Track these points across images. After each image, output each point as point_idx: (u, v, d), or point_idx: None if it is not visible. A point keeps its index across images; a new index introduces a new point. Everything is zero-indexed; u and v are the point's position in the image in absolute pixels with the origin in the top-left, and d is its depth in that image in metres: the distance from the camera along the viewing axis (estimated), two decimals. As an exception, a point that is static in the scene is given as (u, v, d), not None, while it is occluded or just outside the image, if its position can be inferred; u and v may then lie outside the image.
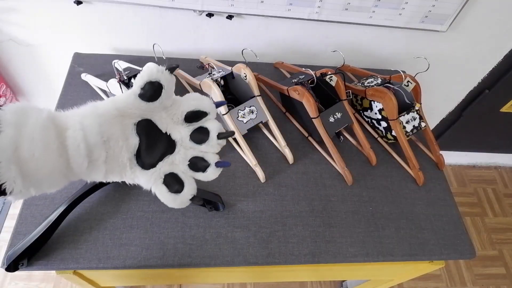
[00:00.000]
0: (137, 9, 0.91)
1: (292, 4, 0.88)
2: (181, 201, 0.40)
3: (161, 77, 0.38)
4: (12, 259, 0.60)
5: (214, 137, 0.41)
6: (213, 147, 0.42)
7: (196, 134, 0.41)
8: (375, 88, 0.82)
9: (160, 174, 0.40)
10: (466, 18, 0.96)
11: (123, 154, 0.38)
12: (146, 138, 0.40)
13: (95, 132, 0.35)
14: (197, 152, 0.42)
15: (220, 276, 0.95)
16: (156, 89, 0.38)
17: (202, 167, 0.41)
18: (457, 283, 1.49)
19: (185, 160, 0.41)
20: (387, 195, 0.81)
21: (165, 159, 0.41)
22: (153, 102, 0.38)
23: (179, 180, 0.40)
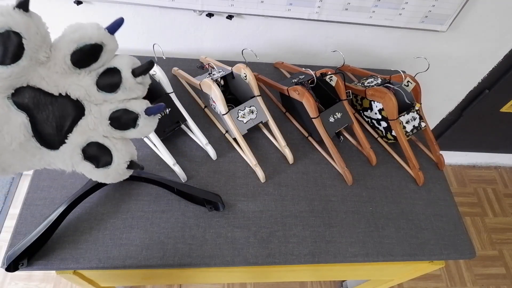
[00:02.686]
0: (137, 9, 0.91)
1: (292, 4, 0.88)
2: (115, 173, 0.31)
3: (11, 21, 0.26)
4: (12, 259, 0.60)
5: (128, 76, 0.30)
6: (132, 90, 0.31)
7: (103, 80, 0.30)
8: (375, 88, 0.82)
9: (75, 149, 0.30)
10: (466, 18, 0.96)
11: (10, 142, 0.28)
12: (35, 111, 0.29)
13: None
14: (116, 104, 0.31)
15: (220, 276, 0.95)
16: (10, 43, 0.26)
17: (129, 120, 0.31)
18: (457, 283, 1.49)
19: (103, 120, 0.30)
20: (387, 195, 0.81)
21: (74, 128, 0.30)
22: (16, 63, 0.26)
23: (103, 148, 0.31)
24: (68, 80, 0.29)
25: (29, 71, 0.28)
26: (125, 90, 0.30)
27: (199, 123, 0.81)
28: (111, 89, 0.30)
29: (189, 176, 0.76)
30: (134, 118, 0.31)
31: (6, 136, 0.28)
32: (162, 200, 0.72)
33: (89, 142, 0.30)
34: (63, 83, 0.29)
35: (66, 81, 0.29)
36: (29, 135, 0.29)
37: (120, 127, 0.31)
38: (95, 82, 0.30)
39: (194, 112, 0.85)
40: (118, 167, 0.31)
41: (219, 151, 0.80)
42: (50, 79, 0.29)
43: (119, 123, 0.31)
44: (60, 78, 0.29)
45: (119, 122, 0.31)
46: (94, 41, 0.29)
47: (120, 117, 0.30)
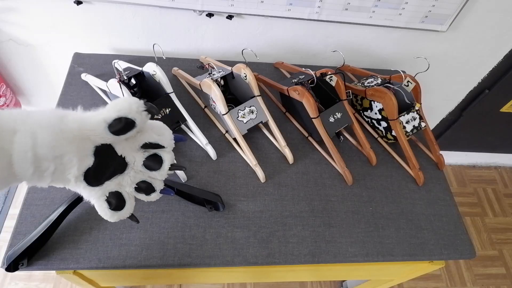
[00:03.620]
0: (137, 9, 0.91)
1: (292, 4, 0.88)
2: (118, 217, 0.42)
3: (138, 117, 0.37)
4: (12, 259, 0.60)
5: (166, 167, 0.43)
6: (162, 175, 0.43)
7: (150, 161, 0.42)
8: (375, 88, 0.82)
9: (105, 192, 0.40)
10: (466, 18, 0.96)
11: (73, 171, 0.37)
12: (100, 160, 0.39)
13: (47, 146, 0.34)
14: (146, 177, 0.43)
15: (220, 276, 0.95)
16: (127, 126, 0.37)
17: (147, 189, 0.43)
18: (457, 283, 1.49)
19: (132, 183, 0.42)
20: (387, 195, 0.81)
21: (113, 178, 0.41)
22: (120, 136, 0.38)
23: (121, 199, 0.41)
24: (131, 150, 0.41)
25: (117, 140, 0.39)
26: (158, 173, 0.43)
27: (199, 123, 0.81)
28: (150, 169, 0.42)
29: (189, 176, 0.76)
30: (152, 191, 0.43)
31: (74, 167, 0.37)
32: (162, 200, 0.72)
33: (115, 191, 0.41)
34: (127, 150, 0.41)
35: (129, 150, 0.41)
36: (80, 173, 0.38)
37: (139, 191, 0.43)
38: (143, 159, 0.42)
39: (194, 112, 0.85)
40: (125, 213, 0.42)
41: (219, 151, 0.80)
42: (123, 145, 0.40)
43: (140, 189, 0.43)
44: (128, 147, 0.41)
45: (141, 189, 0.43)
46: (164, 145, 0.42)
47: (144, 187, 0.43)
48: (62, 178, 0.37)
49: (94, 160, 0.38)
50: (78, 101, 0.84)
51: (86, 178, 0.39)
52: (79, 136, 0.36)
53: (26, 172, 0.34)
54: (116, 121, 0.37)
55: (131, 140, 0.41)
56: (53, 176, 0.36)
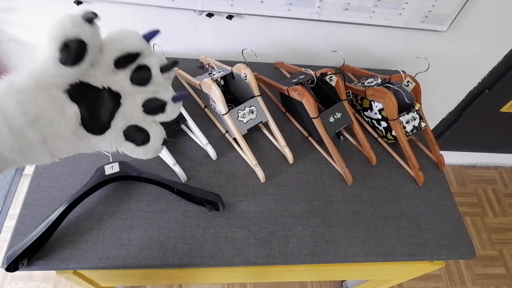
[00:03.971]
0: (137, 9, 0.91)
1: (292, 4, 0.88)
2: (153, 150, 0.37)
3: (81, 32, 0.30)
4: (12, 259, 0.60)
5: (157, 72, 0.35)
6: (160, 83, 0.36)
7: (136, 76, 0.35)
8: (375, 88, 0.82)
9: (118, 132, 0.36)
10: (466, 18, 0.96)
11: (64, 129, 0.33)
12: (85, 102, 0.34)
13: (16, 113, 0.30)
14: (147, 94, 0.36)
15: (220, 276, 0.95)
16: (78, 49, 0.31)
17: (158, 107, 0.37)
18: (457, 283, 1.49)
19: (137, 107, 0.36)
20: (387, 195, 0.81)
21: (115, 115, 0.36)
22: (80, 64, 0.32)
23: (141, 130, 0.36)
24: (109, 78, 0.35)
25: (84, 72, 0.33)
26: (154, 84, 0.36)
27: (199, 123, 0.81)
28: (142, 83, 0.36)
29: (189, 176, 0.76)
30: (163, 105, 0.37)
31: (62, 124, 0.33)
32: (162, 200, 0.72)
33: (128, 126, 0.36)
34: (105, 79, 0.35)
35: (108, 78, 0.35)
36: (78, 123, 0.34)
37: (152, 112, 0.37)
38: (129, 78, 0.36)
39: (194, 112, 0.85)
40: (155, 144, 0.37)
41: (219, 151, 0.80)
42: (96, 75, 0.34)
43: (150, 109, 0.36)
44: (104, 76, 0.35)
45: (151, 108, 0.36)
46: (135, 50, 0.34)
47: (152, 104, 0.36)
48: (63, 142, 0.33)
49: (78, 105, 0.34)
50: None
51: (89, 129, 0.35)
52: (39, 89, 0.31)
53: (11, 150, 0.30)
54: (62, 49, 0.31)
55: (98, 66, 0.34)
56: (50, 145, 0.32)
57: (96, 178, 0.68)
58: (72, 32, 0.30)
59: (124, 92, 0.36)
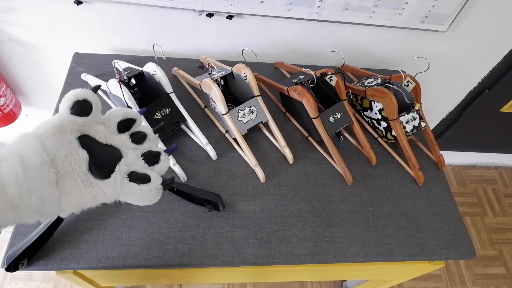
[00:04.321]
0: (137, 9, 0.91)
1: (292, 4, 0.88)
2: (155, 189, 0.42)
3: (87, 95, 0.41)
4: (12, 259, 0.60)
5: (151, 133, 0.46)
6: (153, 141, 0.47)
7: (135, 136, 0.45)
8: (375, 88, 0.82)
9: (122, 175, 0.41)
10: (466, 18, 0.96)
11: (76, 170, 0.38)
12: (92, 150, 0.41)
13: (34, 153, 0.35)
14: (143, 150, 0.45)
15: (220, 276, 0.95)
16: (85, 105, 0.41)
17: (155, 156, 0.45)
18: (457, 283, 1.49)
19: (138, 158, 0.44)
20: (387, 195, 0.81)
21: (118, 163, 0.42)
22: (87, 116, 0.41)
23: (142, 173, 0.42)
24: (112, 136, 0.44)
25: (91, 125, 0.42)
26: (149, 142, 0.46)
27: (199, 123, 0.81)
28: (140, 141, 0.45)
29: (189, 176, 0.76)
30: (158, 155, 0.45)
31: (74, 164, 0.39)
32: (162, 200, 0.72)
33: (132, 171, 0.42)
34: (109, 137, 0.44)
35: (111, 136, 0.44)
36: (86, 168, 0.40)
37: (150, 162, 0.44)
38: (129, 137, 0.45)
39: (194, 112, 0.85)
40: (156, 184, 0.42)
41: (219, 151, 0.80)
42: (102, 133, 0.43)
43: (149, 159, 0.44)
44: (107, 133, 0.44)
45: (149, 158, 0.44)
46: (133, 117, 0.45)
47: (149, 155, 0.45)
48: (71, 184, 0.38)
49: (87, 152, 0.40)
50: (78, 101, 0.84)
51: (93, 172, 0.40)
52: (56, 133, 0.38)
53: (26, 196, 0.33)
54: (72, 106, 0.40)
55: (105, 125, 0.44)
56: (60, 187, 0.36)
57: (96, 178, 0.68)
58: (80, 95, 0.41)
59: (125, 148, 0.44)
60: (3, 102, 1.06)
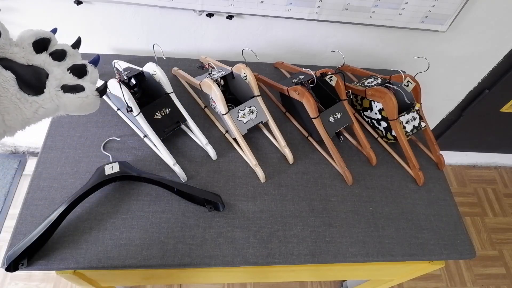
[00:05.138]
0: (137, 9, 0.91)
1: (292, 4, 0.88)
2: (92, 96, 0.45)
3: None
4: (12, 259, 0.60)
5: (69, 49, 0.49)
6: (75, 56, 0.50)
7: (55, 55, 0.47)
8: (375, 88, 0.82)
9: (56, 88, 0.44)
10: (466, 18, 0.96)
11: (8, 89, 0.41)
12: (16, 70, 0.43)
13: None
14: (68, 65, 0.48)
15: (220, 276, 0.95)
16: None
17: (81, 68, 0.48)
18: (457, 283, 1.49)
19: (65, 72, 0.47)
20: (387, 195, 0.81)
21: (48, 79, 0.45)
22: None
23: (74, 84, 0.46)
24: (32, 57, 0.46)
25: (5, 47, 0.45)
26: (70, 58, 0.49)
27: (199, 123, 0.81)
28: (61, 58, 0.48)
29: (189, 176, 0.76)
30: (84, 67, 0.48)
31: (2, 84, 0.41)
32: (162, 200, 0.72)
33: (64, 84, 0.45)
34: (29, 58, 0.45)
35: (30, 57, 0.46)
36: (17, 87, 0.42)
37: (78, 74, 0.47)
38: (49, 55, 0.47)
39: (194, 112, 0.85)
40: (91, 91, 0.45)
41: (219, 151, 0.80)
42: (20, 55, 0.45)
43: (76, 71, 0.47)
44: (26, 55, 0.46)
45: (76, 70, 0.47)
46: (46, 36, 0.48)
47: (75, 68, 0.48)
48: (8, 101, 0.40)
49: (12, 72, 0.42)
50: (78, 101, 0.84)
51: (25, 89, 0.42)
52: None
53: None
54: None
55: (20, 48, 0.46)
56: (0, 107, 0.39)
57: (96, 178, 0.68)
58: None
59: (47, 65, 0.46)
60: (3, 102, 1.06)
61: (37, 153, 1.07)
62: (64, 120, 0.81)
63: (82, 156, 0.76)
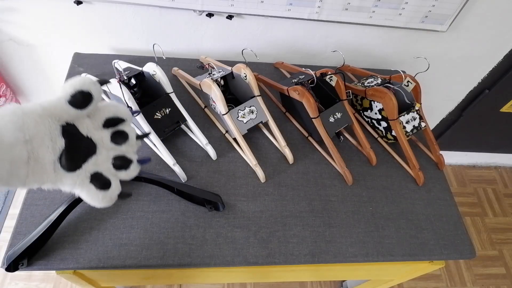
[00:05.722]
0: (137, 9, 0.91)
1: (292, 4, 0.88)
2: (110, 197, 0.42)
3: (93, 88, 0.40)
4: (12, 259, 0.60)
5: (133, 137, 0.45)
6: (132, 146, 0.45)
7: (116, 136, 0.44)
8: (375, 88, 0.82)
9: (86, 174, 0.41)
10: (466, 18, 0.96)
11: (48, 156, 0.38)
12: (69, 141, 0.40)
13: (13, 129, 0.34)
14: (118, 152, 0.44)
15: (220, 276, 0.95)
16: (86, 99, 0.39)
17: (125, 164, 0.44)
18: (457, 283, 1.49)
19: (108, 159, 0.43)
20: (387, 195, 0.81)
21: (88, 160, 0.42)
22: (82, 110, 0.40)
23: (105, 178, 0.42)
24: (95, 130, 0.43)
25: (81, 116, 0.41)
26: (127, 146, 0.45)
27: (199, 123, 0.81)
28: (119, 143, 0.44)
29: (189, 176, 0.76)
30: (129, 163, 0.44)
31: (48, 150, 0.38)
32: (162, 200, 0.72)
33: (96, 172, 0.42)
34: (91, 130, 0.42)
35: (93, 130, 0.43)
36: (57, 157, 0.39)
37: (118, 167, 0.44)
38: (109, 136, 0.44)
39: (194, 112, 0.85)
40: (112, 193, 0.42)
41: (219, 151, 0.80)
42: (86, 125, 0.42)
43: (118, 165, 0.44)
44: (91, 127, 0.42)
45: (118, 164, 0.44)
46: (123, 117, 0.44)
47: (120, 161, 0.44)
48: (40, 167, 0.37)
49: (65, 141, 0.39)
50: (78, 101, 0.84)
51: (62, 162, 0.39)
52: (43, 115, 0.37)
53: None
54: (74, 95, 0.39)
55: (92, 118, 0.43)
56: (28, 166, 0.36)
57: (96, 178, 0.68)
58: (86, 86, 0.39)
59: (101, 145, 0.43)
60: (3, 102, 1.06)
61: (37, 153, 1.07)
62: (64, 120, 0.81)
63: (82, 156, 0.76)
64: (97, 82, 0.40)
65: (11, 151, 0.34)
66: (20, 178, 0.36)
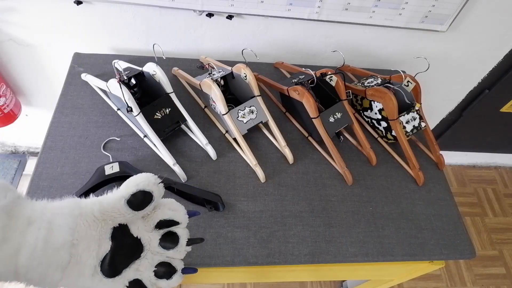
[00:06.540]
0: (137, 9, 0.91)
1: (292, 4, 0.88)
2: None
3: (155, 189, 0.37)
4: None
5: (183, 243, 0.41)
6: (180, 253, 0.41)
7: (165, 240, 0.40)
8: (375, 88, 0.82)
9: (124, 281, 0.37)
10: (466, 18, 0.96)
11: (90, 261, 0.34)
12: (116, 245, 0.37)
13: (63, 233, 0.32)
14: (164, 258, 0.40)
15: (220, 276, 0.95)
16: (146, 199, 0.37)
17: (168, 273, 0.40)
18: (457, 283, 1.49)
19: (151, 266, 0.39)
20: (387, 195, 0.81)
21: (131, 265, 0.38)
22: (139, 211, 0.37)
23: (143, 287, 0.38)
24: (145, 232, 0.39)
25: (135, 217, 0.38)
26: (175, 252, 0.40)
27: (199, 123, 0.81)
28: (167, 248, 0.40)
29: (189, 176, 0.76)
30: (172, 273, 0.40)
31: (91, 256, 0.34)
32: (162, 200, 0.72)
33: (135, 279, 0.38)
34: (142, 231, 0.39)
35: (144, 232, 0.39)
36: (98, 262, 0.36)
37: (160, 277, 0.39)
38: (159, 238, 0.40)
39: (194, 112, 0.85)
40: None
41: (219, 151, 0.80)
42: (138, 225, 0.39)
43: (160, 273, 0.39)
44: (142, 227, 0.39)
45: (161, 273, 0.39)
46: (179, 221, 0.40)
47: (164, 270, 0.40)
48: (77, 271, 0.34)
49: (111, 243, 0.36)
50: (78, 101, 0.84)
51: (102, 268, 0.36)
52: (97, 220, 0.35)
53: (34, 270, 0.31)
54: (134, 195, 0.36)
55: (146, 218, 0.40)
56: (65, 271, 0.33)
57: (96, 178, 0.68)
58: (150, 187, 0.36)
59: (148, 247, 0.39)
60: (3, 102, 1.06)
61: (37, 153, 1.07)
62: (64, 120, 0.81)
63: (82, 156, 0.76)
64: (161, 185, 0.38)
65: (56, 254, 0.32)
66: (52, 283, 0.33)
